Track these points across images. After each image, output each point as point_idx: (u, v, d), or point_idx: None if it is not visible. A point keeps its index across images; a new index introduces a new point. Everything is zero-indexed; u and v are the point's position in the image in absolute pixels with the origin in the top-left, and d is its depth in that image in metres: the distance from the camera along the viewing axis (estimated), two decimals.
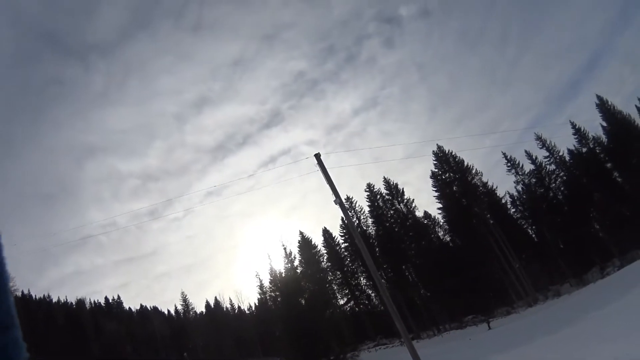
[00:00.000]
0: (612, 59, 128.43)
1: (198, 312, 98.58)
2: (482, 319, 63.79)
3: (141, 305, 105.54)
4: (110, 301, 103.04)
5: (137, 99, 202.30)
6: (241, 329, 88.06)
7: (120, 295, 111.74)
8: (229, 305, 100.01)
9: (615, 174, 69.22)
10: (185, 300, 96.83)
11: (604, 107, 71.63)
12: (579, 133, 72.65)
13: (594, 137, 72.07)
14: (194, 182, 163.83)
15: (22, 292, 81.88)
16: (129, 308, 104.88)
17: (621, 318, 18.33)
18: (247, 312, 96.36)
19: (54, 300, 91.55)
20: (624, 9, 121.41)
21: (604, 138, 71.11)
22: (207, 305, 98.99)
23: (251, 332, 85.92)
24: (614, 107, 71.24)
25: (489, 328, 55.90)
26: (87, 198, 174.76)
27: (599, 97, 72.60)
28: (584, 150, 72.24)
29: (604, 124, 71.49)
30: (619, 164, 66.96)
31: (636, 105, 70.18)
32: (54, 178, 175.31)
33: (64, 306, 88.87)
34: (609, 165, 69.60)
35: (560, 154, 72.94)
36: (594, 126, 79.29)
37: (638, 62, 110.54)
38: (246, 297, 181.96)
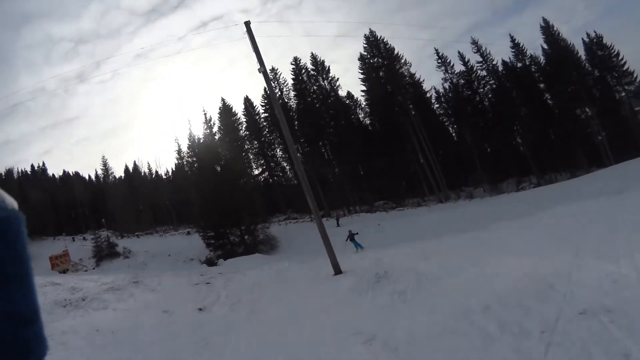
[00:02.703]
0: None
1: (117, 177, 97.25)
2: (393, 205, 65.59)
3: (64, 171, 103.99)
4: (36, 169, 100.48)
5: None
6: (157, 194, 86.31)
7: (45, 162, 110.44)
8: (147, 170, 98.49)
9: (547, 95, 69.74)
10: (105, 164, 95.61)
11: (548, 30, 70.64)
12: (517, 48, 72.28)
13: (531, 55, 71.76)
14: (124, 45, 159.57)
15: None
16: (53, 175, 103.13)
17: (533, 233, 18.70)
18: (164, 177, 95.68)
19: None
20: None
21: (542, 59, 70.86)
22: (126, 170, 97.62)
23: (167, 198, 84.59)
24: (558, 33, 70.46)
25: (338, 225, 56.92)
26: (19, 65, 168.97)
27: (545, 20, 71.13)
28: (519, 65, 71.93)
29: (545, 46, 70.99)
30: (552, 87, 67.40)
31: (583, 39, 70.01)
32: None
33: None
34: (542, 85, 69.90)
35: (494, 62, 72.63)
36: (534, 46, 79.31)
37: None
38: (164, 163, 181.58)
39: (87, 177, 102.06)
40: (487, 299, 9.42)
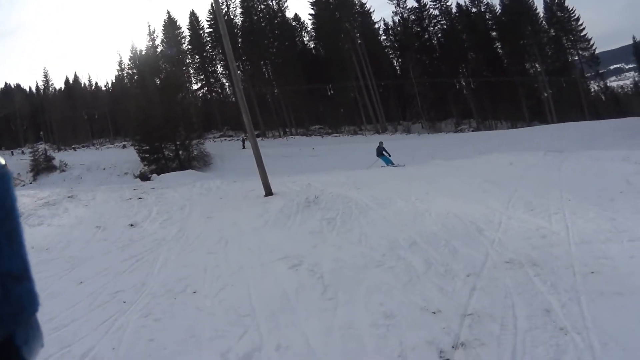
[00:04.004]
0: None
1: (57, 89, 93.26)
2: (329, 131, 66.62)
3: (5, 84, 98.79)
4: None
5: None
6: (95, 106, 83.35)
7: None
8: (87, 82, 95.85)
9: (498, 44, 70.81)
10: (46, 76, 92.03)
11: None
12: None
13: (487, 2, 72.34)
14: None
15: None
16: None
17: (467, 175, 18.72)
18: (103, 89, 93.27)
19: None
20: None
21: (498, 8, 71.41)
22: (67, 81, 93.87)
23: (105, 109, 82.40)
24: None
25: (243, 147, 56.67)
26: None
27: None
28: (474, 10, 72.50)
29: None
30: (505, 36, 68.17)
31: None
32: None
33: None
34: (494, 34, 70.93)
35: (449, 3, 72.97)
36: None
37: None
38: (104, 74, 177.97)
39: (28, 90, 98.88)
40: (415, 235, 9.53)
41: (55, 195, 21.04)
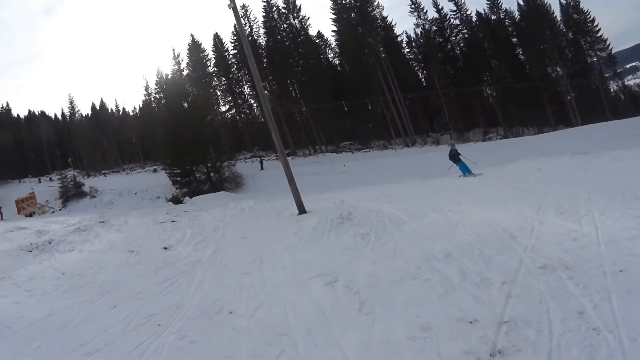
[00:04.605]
0: None
1: (84, 115, 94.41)
2: (359, 147, 66.53)
3: (29, 111, 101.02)
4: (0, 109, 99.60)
5: None
6: (124, 132, 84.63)
7: (9, 102, 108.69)
8: (114, 108, 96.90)
9: (519, 50, 70.36)
10: (71, 102, 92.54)
11: None
12: (492, 1, 72.29)
13: (506, 9, 72.06)
14: None
15: None
16: (18, 115, 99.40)
17: (497, 184, 18.76)
18: (131, 114, 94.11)
19: None
20: None
21: (517, 14, 71.17)
22: (93, 107, 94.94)
23: (133, 135, 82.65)
24: None
25: (262, 169, 58.56)
26: None
27: None
28: (494, 17, 72.20)
29: (521, 2, 70.68)
30: (525, 42, 67.89)
31: (560, 1, 69.86)
32: None
33: None
34: (514, 40, 70.58)
35: (468, 12, 72.86)
36: (509, 1, 78.61)
37: None
38: (132, 100, 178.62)
39: (53, 116, 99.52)
40: (449, 246, 9.55)
41: (86, 221, 21.31)
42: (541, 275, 7.18)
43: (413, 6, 72.83)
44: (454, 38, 72.56)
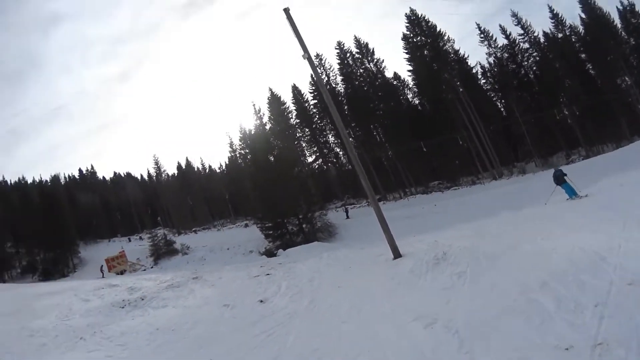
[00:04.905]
0: None
1: (170, 175, 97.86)
2: (448, 185, 65.82)
3: (115, 173, 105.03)
4: (84, 172, 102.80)
5: None
6: (212, 189, 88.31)
7: (93, 166, 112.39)
8: (200, 166, 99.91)
9: (589, 65, 68.60)
10: (157, 163, 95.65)
11: None
12: (556, 18, 70.97)
13: (571, 25, 70.60)
14: (164, 42, 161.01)
15: None
16: (103, 177, 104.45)
17: (584, 207, 18.58)
18: (217, 171, 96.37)
19: (29, 181, 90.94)
20: None
21: (581, 29, 69.68)
22: (179, 166, 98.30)
23: (222, 191, 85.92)
24: (594, 1, 69.09)
25: (347, 217, 58.38)
26: (54, 69, 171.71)
27: None
28: (560, 35, 70.78)
29: (583, 15, 69.66)
30: (593, 57, 66.38)
31: (617, 7, 68.79)
32: (17, 54, 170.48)
33: (40, 186, 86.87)
34: (583, 56, 68.91)
35: (536, 34, 71.51)
36: (573, 15, 77.71)
37: None
38: (217, 157, 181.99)
39: (139, 177, 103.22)
40: (544, 275, 9.44)
41: (179, 278, 21.82)
42: (630, 292, 7.15)
43: (482, 35, 72.22)
44: (526, 62, 71.22)
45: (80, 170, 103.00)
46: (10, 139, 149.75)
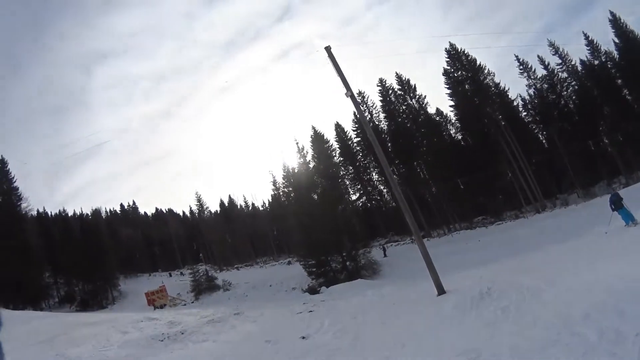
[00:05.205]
0: None
1: (212, 212, 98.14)
2: (492, 220, 65.02)
3: (156, 209, 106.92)
4: (126, 207, 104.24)
5: (144, 0, 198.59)
6: (255, 226, 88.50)
7: (135, 201, 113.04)
8: (242, 203, 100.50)
9: (625, 91, 67.73)
10: (199, 200, 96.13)
11: (616, 23, 69.30)
12: (591, 45, 70.55)
13: (606, 51, 70.01)
14: (206, 80, 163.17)
15: (38, 210, 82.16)
16: (145, 213, 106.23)
17: (625, 236, 18.47)
18: (261, 209, 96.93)
19: (70, 214, 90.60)
20: None
21: (615, 54, 69.21)
22: (222, 204, 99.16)
23: (265, 229, 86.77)
24: (626, 25, 69.04)
25: (385, 255, 57.96)
26: (98, 105, 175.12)
27: (612, 13, 69.85)
28: (596, 62, 70.23)
29: (617, 40, 69.42)
30: (628, 81, 65.67)
31: None
32: (62, 90, 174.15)
33: (80, 219, 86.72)
34: (619, 81, 68.08)
35: (573, 63, 71.19)
36: (607, 40, 76.36)
37: None
38: (260, 194, 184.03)
39: (180, 214, 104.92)
40: (586, 307, 9.35)
41: (220, 313, 21.97)
42: None
43: (521, 67, 71.85)
44: (565, 92, 70.49)
45: (121, 205, 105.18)
46: (52, 172, 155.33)
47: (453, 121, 75.84)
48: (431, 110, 76.36)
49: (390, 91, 76.90)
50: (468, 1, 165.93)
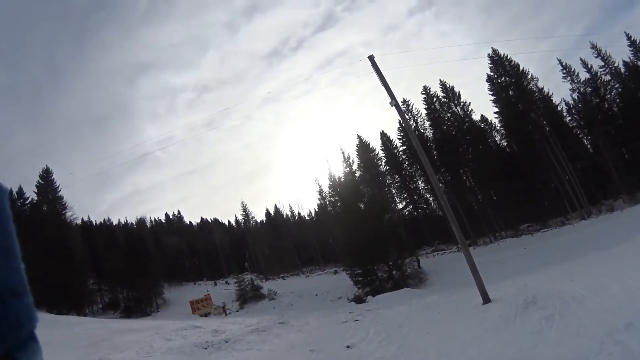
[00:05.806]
0: None
1: (258, 221, 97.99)
2: (537, 228, 63.97)
3: (202, 218, 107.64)
4: (171, 217, 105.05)
5: (186, 11, 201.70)
6: (301, 236, 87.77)
7: (180, 210, 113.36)
8: (289, 213, 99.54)
9: None
10: (245, 209, 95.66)
11: None
12: (634, 45, 68.68)
13: None
14: (250, 90, 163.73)
15: (82, 219, 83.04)
16: (190, 222, 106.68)
17: None
18: (307, 218, 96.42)
19: (114, 223, 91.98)
20: None
21: None
22: (267, 213, 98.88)
23: (311, 238, 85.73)
24: None
25: (419, 267, 56.66)
26: (141, 116, 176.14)
27: None
28: (639, 63, 68.51)
29: None
30: None
31: None
32: (106, 101, 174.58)
33: (125, 228, 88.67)
34: None
35: (616, 64, 69.55)
36: None
37: None
38: (306, 203, 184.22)
39: (226, 223, 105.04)
40: (629, 315, 9.33)
41: (265, 322, 22.05)
42: None
43: (564, 71, 70.85)
44: (609, 95, 69.25)
45: (166, 215, 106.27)
46: (97, 182, 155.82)
47: (498, 128, 75.29)
48: (476, 117, 75.88)
49: (435, 99, 76.60)
50: (508, 5, 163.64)
